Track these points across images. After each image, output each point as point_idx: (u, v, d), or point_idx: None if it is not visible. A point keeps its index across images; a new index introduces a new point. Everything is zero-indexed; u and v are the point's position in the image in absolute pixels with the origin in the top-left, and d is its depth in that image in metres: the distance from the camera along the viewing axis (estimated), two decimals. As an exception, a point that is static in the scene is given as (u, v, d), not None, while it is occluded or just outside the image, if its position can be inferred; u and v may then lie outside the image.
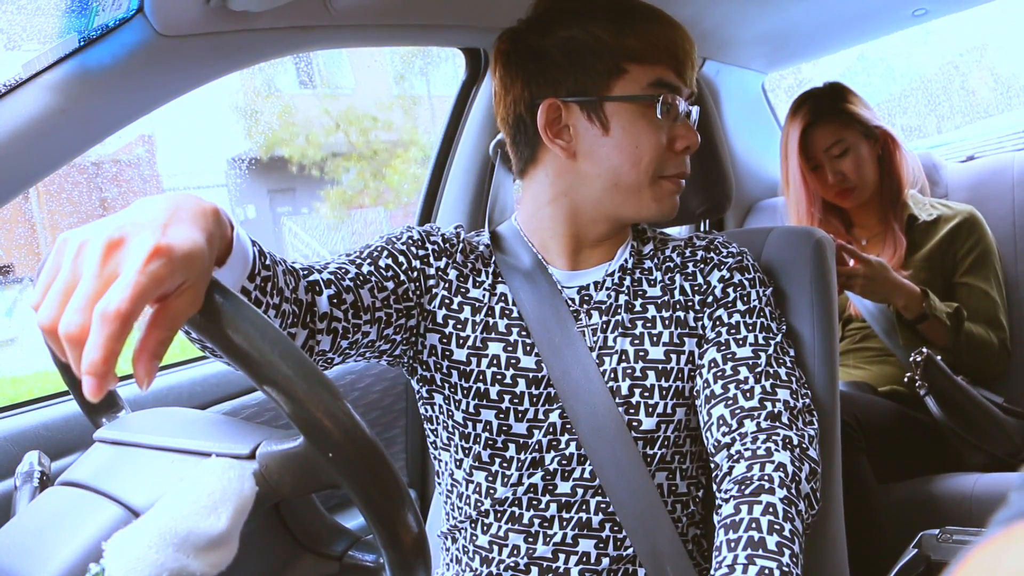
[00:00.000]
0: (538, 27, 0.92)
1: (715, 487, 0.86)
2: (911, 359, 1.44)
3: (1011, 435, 1.46)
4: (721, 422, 0.87)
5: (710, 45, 1.86)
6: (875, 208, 1.72)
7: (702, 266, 0.96)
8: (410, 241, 0.95)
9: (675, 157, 0.93)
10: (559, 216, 0.95)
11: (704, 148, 1.09)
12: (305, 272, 0.83)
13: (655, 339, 0.92)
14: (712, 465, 0.88)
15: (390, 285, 0.90)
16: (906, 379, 1.46)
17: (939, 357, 1.45)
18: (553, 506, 0.90)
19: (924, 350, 1.43)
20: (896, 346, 1.57)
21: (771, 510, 0.78)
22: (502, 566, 0.91)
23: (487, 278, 0.96)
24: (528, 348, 0.92)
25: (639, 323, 0.93)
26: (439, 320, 0.93)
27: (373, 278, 0.88)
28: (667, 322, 0.93)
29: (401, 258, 0.93)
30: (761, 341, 0.90)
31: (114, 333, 0.46)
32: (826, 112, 1.67)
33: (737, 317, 0.92)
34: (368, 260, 0.91)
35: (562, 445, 0.90)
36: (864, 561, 1.28)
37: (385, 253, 0.92)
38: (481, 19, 1.32)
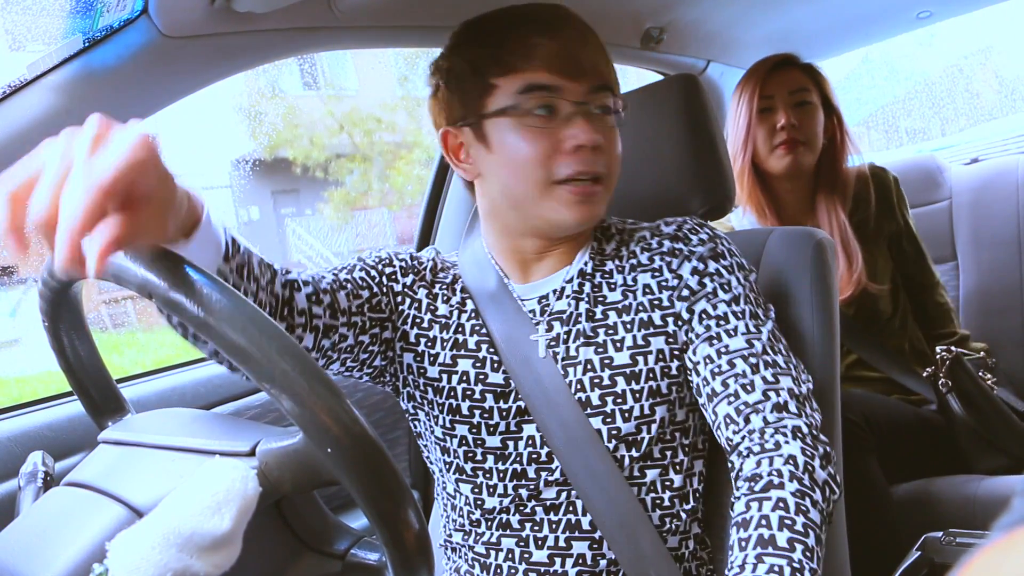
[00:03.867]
0: (433, 67, 0.96)
1: (733, 485, 0.85)
2: (938, 355, 1.43)
3: (1027, 439, 1.45)
4: (728, 420, 0.86)
5: (714, 48, 1.86)
6: (806, 195, 1.60)
7: (669, 259, 0.93)
8: (377, 259, 0.99)
9: (568, 157, 0.86)
10: (497, 232, 0.97)
11: (705, 149, 1.09)
12: (283, 271, 0.85)
13: (618, 344, 0.91)
14: (728, 464, 0.87)
15: (364, 294, 0.93)
16: (926, 373, 1.45)
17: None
18: (539, 510, 0.91)
19: (953, 348, 1.42)
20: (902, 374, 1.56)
21: (782, 505, 0.77)
22: (501, 572, 0.91)
23: (456, 295, 0.98)
24: (496, 365, 0.93)
25: (600, 331, 0.92)
26: (412, 339, 0.96)
27: (349, 284, 0.92)
28: (629, 326, 0.91)
29: (372, 272, 0.97)
30: (752, 329, 0.88)
31: (103, 185, 0.48)
32: (798, 64, 1.59)
33: (723, 307, 0.89)
34: (344, 270, 0.95)
35: (543, 458, 0.91)
36: (868, 562, 1.27)
37: (359, 267, 0.97)
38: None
